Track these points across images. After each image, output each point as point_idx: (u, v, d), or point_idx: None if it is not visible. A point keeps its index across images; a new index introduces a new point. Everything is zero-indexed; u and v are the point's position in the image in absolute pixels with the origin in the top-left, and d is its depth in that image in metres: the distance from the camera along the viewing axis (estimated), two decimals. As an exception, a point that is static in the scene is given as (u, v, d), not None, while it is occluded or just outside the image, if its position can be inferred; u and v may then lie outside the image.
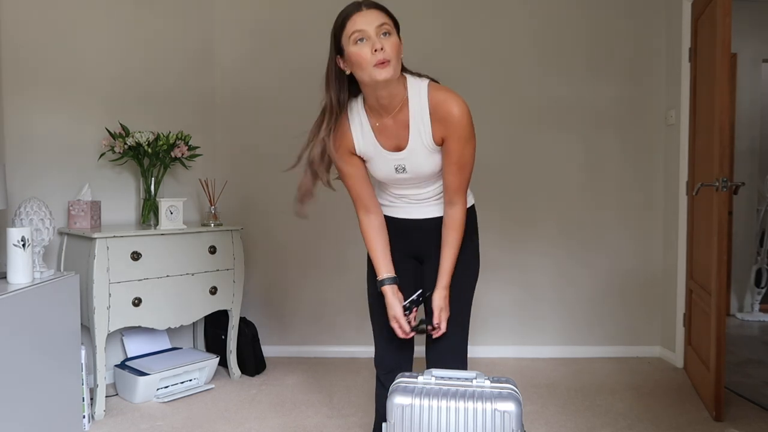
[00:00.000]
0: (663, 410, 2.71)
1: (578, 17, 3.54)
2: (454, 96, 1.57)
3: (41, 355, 2.10)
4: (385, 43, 1.49)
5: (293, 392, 2.97)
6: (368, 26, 1.49)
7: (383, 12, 1.53)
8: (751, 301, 4.77)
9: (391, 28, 1.51)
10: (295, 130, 3.89)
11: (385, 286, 1.74)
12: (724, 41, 2.55)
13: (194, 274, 2.96)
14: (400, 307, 1.72)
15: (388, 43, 1.49)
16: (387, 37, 1.50)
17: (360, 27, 1.49)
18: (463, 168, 1.63)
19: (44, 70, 2.89)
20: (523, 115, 3.56)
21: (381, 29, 1.50)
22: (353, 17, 1.51)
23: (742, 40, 4.59)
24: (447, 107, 1.56)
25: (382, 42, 1.49)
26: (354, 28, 1.50)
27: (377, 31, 1.49)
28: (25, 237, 2.06)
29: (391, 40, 1.51)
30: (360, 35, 1.50)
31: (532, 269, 3.60)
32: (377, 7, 1.52)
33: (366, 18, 1.50)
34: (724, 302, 2.62)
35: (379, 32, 1.49)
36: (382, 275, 1.76)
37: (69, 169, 2.98)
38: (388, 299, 1.73)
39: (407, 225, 1.79)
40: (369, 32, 1.49)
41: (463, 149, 1.60)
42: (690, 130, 3.24)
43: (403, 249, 1.81)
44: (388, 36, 1.50)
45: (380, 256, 1.76)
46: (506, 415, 1.39)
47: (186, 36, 3.45)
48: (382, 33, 1.50)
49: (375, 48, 1.48)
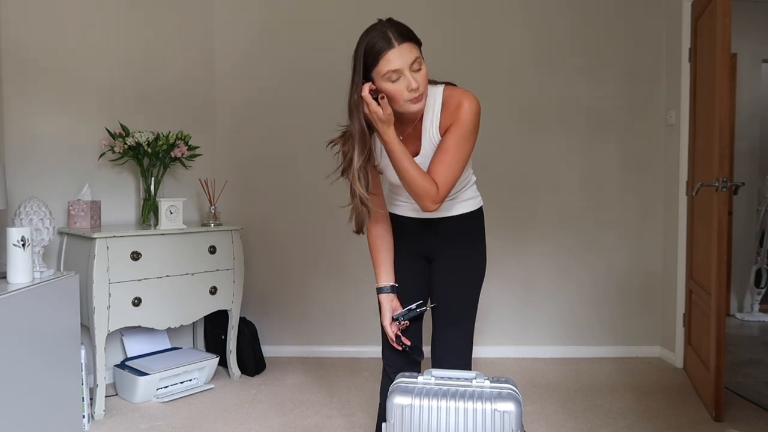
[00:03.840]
0: (663, 410, 2.71)
1: (578, 17, 3.54)
2: (469, 93, 1.58)
3: (41, 354, 2.10)
4: (419, 79, 1.50)
5: (293, 392, 2.97)
6: (403, 65, 1.48)
7: (413, 43, 1.50)
8: (750, 301, 4.77)
9: (421, 60, 1.51)
10: (295, 130, 3.90)
11: (382, 294, 1.77)
12: (724, 41, 2.55)
13: (194, 274, 2.96)
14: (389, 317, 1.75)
15: (420, 77, 1.50)
16: (419, 72, 1.50)
17: (395, 66, 1.48)
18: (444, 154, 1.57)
19: (44, 70, 2.89)
20: (523, 115, 3.56)
21: (414, 65, 1.49)
22: (387, 55, 1.47)
23: (742, 40, 4.59)
24: (458, 98, 1.57)
25: (417, 79, 1.49)
26: (389, 67, 1.48)
27: (411, 67, 1.49)
28: (25, 237, 2.06)
29: (422, 72, 1.51)
30: (396, 75, 1.49)
31: (532, 269, 3.60)
32: (408, 39, 1.49)
33: (400, 56, 1.47)
34: (723, 302, 2.62)
35: (413, 68, 1.49)
36: (380, 283, 1.79)
37: (69, 169, 2.98)
38: (382, 307, 1.77)
39: (419, 224, 1.79)
40: (404, 71, 1.48)
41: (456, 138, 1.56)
42: (690, 130, 3.24)
43: (413, 248, 1.83)
44: (419, 71, 1.50)
45: (381, 264, 1.79)
46: (506, 415, 1.39)
47: (186, 36, 3.45)
48: (415, 69, 1.50)
49: (410, 88, 1.49)
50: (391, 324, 1.75)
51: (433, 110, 1.60)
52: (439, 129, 1.60)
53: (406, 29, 1.51)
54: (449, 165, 1.57)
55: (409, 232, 1.81)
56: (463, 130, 1.56)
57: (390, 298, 1.77)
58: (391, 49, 1.47)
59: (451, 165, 1.57)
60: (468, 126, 1.56)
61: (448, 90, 1.60)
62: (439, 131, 1.60)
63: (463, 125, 1.56)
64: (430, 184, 1.56)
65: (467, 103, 1.55)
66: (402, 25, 1.52)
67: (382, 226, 1.80)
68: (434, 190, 1.56)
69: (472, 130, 1.57)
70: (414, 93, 1.50)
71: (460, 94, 1.58)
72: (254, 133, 3.61)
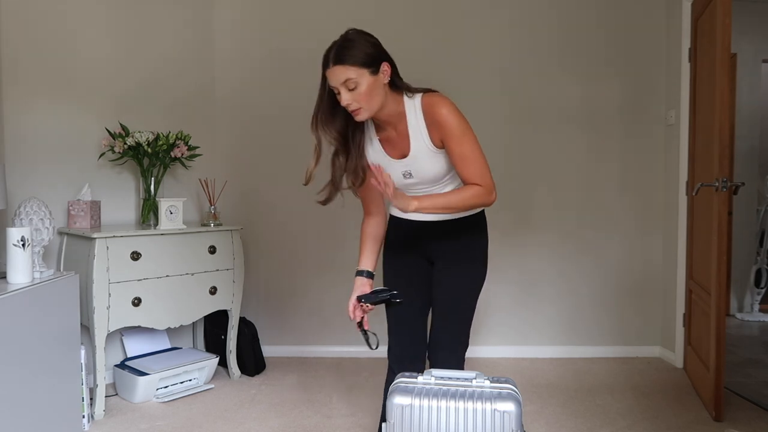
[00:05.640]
0: (663, 410, 2.71)
1: (578, 17, 3.54)
2: (441, 99, 1.68)
3: (41, 354, 2.10)
4: (353, 97, 1.64)
5: (293, 392, 2.97)
6: (336, 83, 1.64)
7: (348, 65, 1.62)
8: (750, 301, 4.77)
9: (357, 80, 1.62)
10: (295, 130, 3.91)
11: (357, 277, 1.92)
12: (724, 41, 2.55)
13: (194, 274, 2.96)
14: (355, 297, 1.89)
15: (355, 95, 1.63)
16: (353, 91, 1.63)
17: (331, 83, 1.65)
18: (465, 159, 1.69)
19: (44, 70, 2.89)
20: (523, 115, 3.56)
21: (346, 85, 1.63)
22: (326, 72, 1.66)
23: (742, 40, 4.59)
24: (435, 110, 1.67)
25: (350, 97, 1.64)
26: (329, 82, 1.66)
27: (344, 86, 1.63)
28: (24, 237, 2.06)
29: (358, 91, 1.63)
30: (335, 89, 1.66)
31: (532, 269, 3.60)
32: (342, 62, 1.62)
33: (333, 75, 1.63)
34: (723, 302, 2.62)
35: (345, 88, 1.63)
36: (359, 267, 1.93)
37: (69, 169, 2.98)
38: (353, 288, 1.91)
39: (419, 227, 1.86)
40: (338, 88, 1.64)
41: (460, 145, 1.67)
42: (690, 130, 3.24)
43: (416, 249, 1.89)
44: (354, 90, 1.63)
45: (364, 251, 1.93)
46: (506, 415, 1.39)
47: (186, 36, 3.45)
48: (349, 88, 1.63)
49: (344, 103, 1.65)
50: (356, 305, 1.88)
51: (416, 119, 1.71)
52: (431, 140, 1.71)
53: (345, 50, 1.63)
54: (475, 162, 1.69)
55: (412, 235, 1.87)
56: (458, 132, 1.67)
57: (362, 281, 1.90)
58: (327, 69, 1.65)
59: (476, 161, 1.69)
60: (458, 127, 1.67)
61: (425, 99, 1.71)
62: (432, 142, 1.71)
63: (455, 129, 1.66)
64: (474, 192, 1.69)
65: (443, 109, 1.66)
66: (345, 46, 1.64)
67: (375, 220, 1.93)
68: (480, 189, 1.69)
69: (464, 128, 1.68)
70: (349, 108, 1.66)
71: (433, 103, 1.68)
72: (254, 133, 3.61)
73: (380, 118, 1.73)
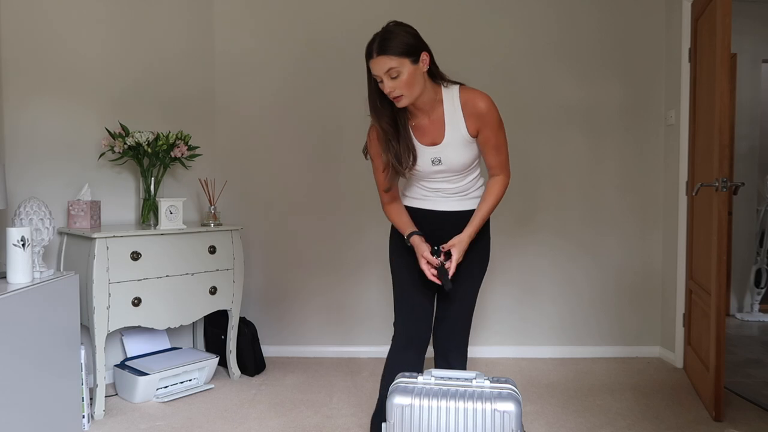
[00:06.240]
0: (663, 410, 2.71)
1: (578, 17, 3.54)
2: (480, 93, 1.85)
3: (41, 354, 2.10)
4: (395, 85, 1.77)
5: (293, 392, 2.97)
6: (379, 72, 1.77)
7: (391, 55, 1.75)
8: (750, 301, 4.77)
9: (399, 69, 1.75)
10: (295, 130, 3.91)
11: (414, 236, 1.94)
12: (724, 41, 2.55)
13: (194, 274, 2.96)
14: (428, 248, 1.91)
15: (397, 83, 1.77)
16: (396, 79, 1.76)
17: (375, 72, 1.79)
18: (499, 149, 1.90)
19: (44, 70, 2.89)
20: (523, 115, 3.56)
21: (389, 74, 1.76)
22: (369, 63, 1.80)
23: (742, 40, 4.59)
24: (476, 102, 1.83)
25: (392, 84, 1.77)
26: (372, 72, 1.80)
27: (387, 75, 1.76)
28: (24, 237, 2.06)
29: (400, 79, 1.76)
30: (378, 78, 1.79)
31: (532, 269, 3.60)
32: (385, 53, 1.75)
33: (377, 65, 1.77)
34: (723, 302, 2.62)
35: (388, 76, 1.76)
36: (410, 230, 1.96)
37: (69, 169, 2.98)
38: (416, 244, 1.92)
39: (437, 216, 1.99)
40: (381, 76, 1.78)
41: (496, 135, 1.88)
42: (690, 130, 3.24)
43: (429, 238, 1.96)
44: (396, 78, 1.76)
45: (404, 221, 1.98)
46: (506, 415, 1.39)
47: (186, 36, 3.45)
48: (391, 77, 1.76)
49: (385, 91, 1.79)
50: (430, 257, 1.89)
51: (454, 109, 1.85)
52: (468, 129, 1.86)
53: (387, 42, 1.75)
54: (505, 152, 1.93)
55: (428, 223, 1.99)
56: (497, 125, 1.87)
57: (421, 238, 1.94)
58: (371, 59, 1.78)
59: (506, 151, 1.94)
60: (497, 122, 1.87)
61: (464, 93, 1.86)
62: (468, 131, 1.86)
63: (494, 123, 1.86)
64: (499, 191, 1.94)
65: (483, 103, 1.83)
66: (387, 38, 1.76)
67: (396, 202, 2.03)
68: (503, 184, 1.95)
69: (500, 120, 1.88)
70: (392, 95, 1.79)
71: (475, 97, 1.84)
72: (254, 133, 3.61)
73: (417, 106, 1.86)
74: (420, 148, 1.90)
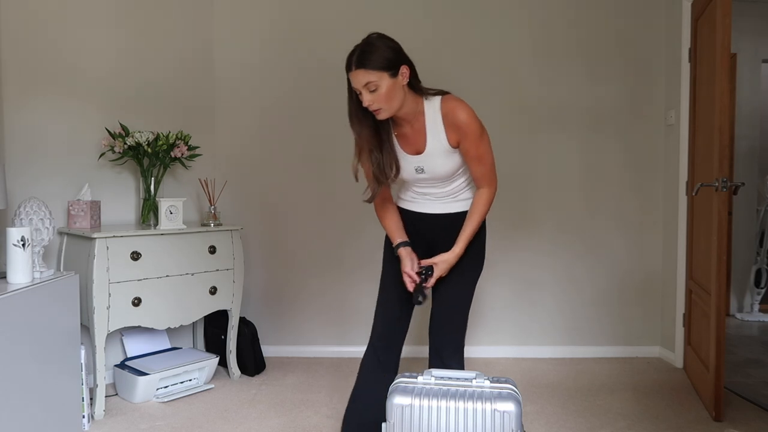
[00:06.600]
0: (663, 410, 2.71)
1: (578, 17, 3.54)
2: (460, 104, 1.82)
3: (41, 354, 2.10)
4: (374, 98, 1.76)
5: (293, 392, 2.97)
6: (358, 85, 1.76)
7: (369, 69, 1.73)
8: (750, 301, 4.77)
9: (377, 83, 1.73)
10: (295, 130, 3.91)
11: (402, 248, 1.96)
12: (724, 41, 2.55)
13: (194, 274, 2.96)
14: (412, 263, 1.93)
15: (375, 97, 1.75)
16: (374, 92, 1.75)
17: (354, 85, 1.78)
18: (481, 160, 1.87)
19: (44, 69, 2.89)
20: (523, 115, 3.56)
21: (368, 87, 1.75)
22: (349, 75, 1.78)
23: (742, 40, 4.60)
24: (455, 114, 1.80)
25: (371, 98, 1.76)
26: (352, 84, 1.79)
27: (365, 89, 1.75)
28: (24, 237, 2.06)
29: (379, 93, 1.75)
30: (357, 90, 1.78)
31: (532, 269, 3.60)
32: (364, 66, 1.73)
33: (355, 78, 1.76)
34: (723, 302, 2.62)
35: (367, 90, 1.75)
36: (399, 240, 1.98)
37: (69, 169, 2.98)
38: (402, 256, 1.95)
39: (426, 218, 2.00)
40: (360, 89, 1.77)
41: (477, 146, 1.84)
42: (690, 130, 3.24)
43: (419, 238, 2.01)
44: (375, 91, 1.75)
45: (393, 227, 2.01)
46: (506, 415, 1.39)
47: (186, 36, 3.45)
48: (370, 90, 1.75)
49: (366, 104, 1.77)
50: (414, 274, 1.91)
51: (435, 120, 1.83)
52: (448, 140, 1.84)
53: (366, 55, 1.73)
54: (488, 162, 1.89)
55: (418, 225, 2.01)
56: (477, 136, 1.82)
57: (408, 250, 1.96)
58: (350, 72, 1.77)
59: (489, 161, 1.90)
60: (477, 131, 1.82)
61: (445, 103, 1.83)
62: (448, 142, 1.84)
63: (474, 133, 1.82)
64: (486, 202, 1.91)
65: (464, 115, 1.80)
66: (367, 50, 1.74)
67: (390, 205, 2.04)
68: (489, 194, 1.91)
69: (481, 131, 1.84)
70: (370, 108, 1.77)
71: (454, 107, 1.81)
72: (254, 133, 3.61)
73: (399, 116, 1.85)
74: (404, 156, 1.90)
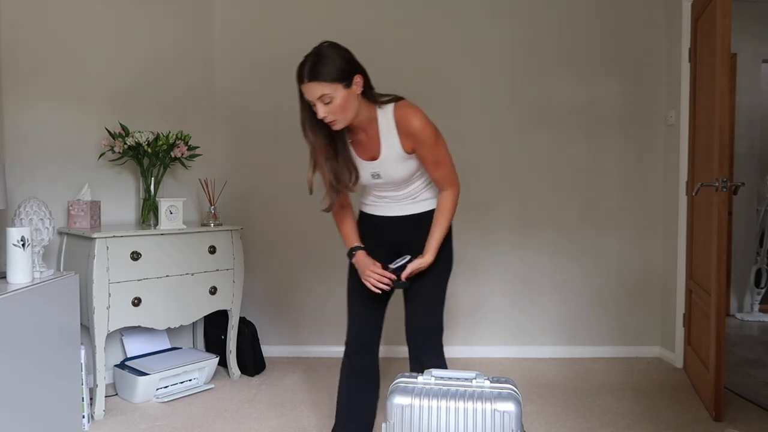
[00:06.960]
0: (663, 410, 2.71)
1: (578, 18, 3.54)
2: (413, 111, 1.79)
3: (41, 354, 2.10)
4: (329, 110, 1.72)
5: (293, 392, 2.97)
6: (311, 97, 1.72)
7: (322, 81, 1.69)
8: (750, 301, 4.77)
9: (332, 95, 1.70)
10: (294, 130, 3.90)
11: (358, 252, 1.95)
12: (724, 41, 2.55)
13: (194, 274, 2.96)
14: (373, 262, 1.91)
15: (330, 109, 1.72)
16: (329, 104, 1.71)
17: (307, 97, 1.73)
18: (439, 164, 1.85)
19: (44, 70, 2.89)
20: (523, 115, 3.56)
21: (322, 99, 1.71)
22: (301, 87, 1.73)
23: (742, 40, 4.60)
24: (407, 121, 1.78)
25: (326, 110, 1.72)
26: (305, 96, 1.74)
27: (320, 101, 1.71)
28: (24, 237, 2.06)
29: (334, 104, 1.71)
30: (311, 102, 1.74)
31: (532, 269, 3.60)
32: (316, 78, 1.69)
33: (309, 91, 1.71)
34: (723, 302, 2.62)
35: (321, 102, 1.71)
36: (353, 244, 1.98)
37: (69, 169, 2.98)
38: (360, 260, 1.93)
39: (387, 221, 1.99)
40: (314, 101, 1.73)
41: (433, 151, 1.82)
42: (690, 130, 3.24)
43: (384, 243, 2.00)
44: (330, 103, 1.71)
45: (348, 232, 2.00)
46: (506, 415, 1.39)
47: (186, 36, 3.45)
48: (324, 102, 1.71)
49: (320, 116, 1.73)
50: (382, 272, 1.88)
51: (389, 127, 1.81)
52: (403, 147, 1.82)
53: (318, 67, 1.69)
54: (447, 164, 1.87)
55: (380, 229, 2.01)
56: (431, 141, 1.80)
57: (364, 254, 1.95)
58: (302, 84, 1.73)
59: (448, 164, 1.87)
60: (429, 137, 1.79)
61: (398, 110, 1.80)
62: (403, 149, 1.82)
63: (426, 140, 1.79)
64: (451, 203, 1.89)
65: (416, 121, 1.77)
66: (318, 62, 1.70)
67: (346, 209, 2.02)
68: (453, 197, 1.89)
69: (435, 136, 1.81)
70: (325, 120, 1.74)
71: (406, 114, 1.78)
72: (254, 133, 3.61)
73: (353, 124, 1.82)
74: (360, 163, 1.89)
